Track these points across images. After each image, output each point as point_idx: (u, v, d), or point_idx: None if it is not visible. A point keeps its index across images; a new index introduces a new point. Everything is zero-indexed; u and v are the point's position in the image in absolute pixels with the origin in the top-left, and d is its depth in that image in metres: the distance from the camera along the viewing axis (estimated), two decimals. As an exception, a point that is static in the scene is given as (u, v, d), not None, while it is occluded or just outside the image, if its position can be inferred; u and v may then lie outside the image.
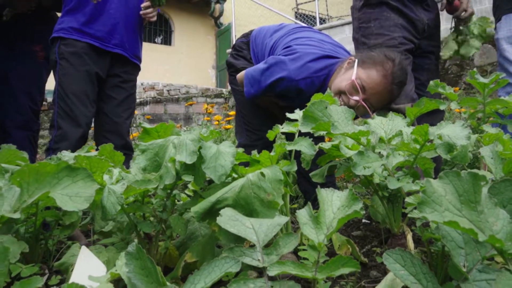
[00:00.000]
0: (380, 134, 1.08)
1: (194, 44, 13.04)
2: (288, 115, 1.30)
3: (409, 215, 0.92)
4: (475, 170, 0.64)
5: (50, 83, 2.35)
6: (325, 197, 0.71)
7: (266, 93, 1.70)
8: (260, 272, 1.00)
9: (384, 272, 1.15)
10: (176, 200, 1.34)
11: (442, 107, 1.54)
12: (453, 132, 1.11)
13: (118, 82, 2.33)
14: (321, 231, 0.67)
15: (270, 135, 1.26)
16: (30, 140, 2.49)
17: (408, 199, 0.87)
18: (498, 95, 2.27)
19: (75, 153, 1.02)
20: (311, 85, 1.67)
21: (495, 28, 2.44)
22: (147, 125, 1.17)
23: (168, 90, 8.94)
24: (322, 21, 13.22)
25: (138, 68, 2.47)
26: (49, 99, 7.49)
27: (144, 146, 1.05)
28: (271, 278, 0.71)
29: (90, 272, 0.76)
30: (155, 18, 2.41)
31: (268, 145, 1.72)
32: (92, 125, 2.32)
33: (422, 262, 0.59)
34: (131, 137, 2.97)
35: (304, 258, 1.02)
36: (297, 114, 1.31)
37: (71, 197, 0.78)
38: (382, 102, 1.63)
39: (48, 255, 1.30)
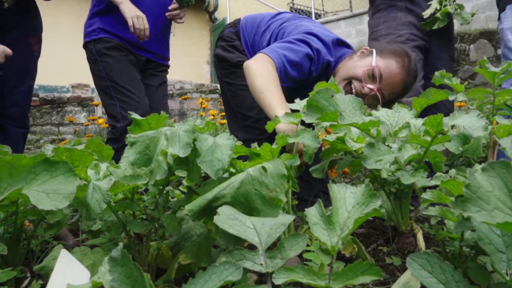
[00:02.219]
0: (388, 126, 1.00)
1: (188, 39, 12.88)
2: (289, 105, 1.22)
3: (424, 213, 0.84)
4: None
5: (42, 78, 2.28)
6: (337, 194, 0.63)
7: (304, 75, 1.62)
8: (261, 274, 0.92)
9: (393, 273, 1.07)
10: (169, 197, 1.25)
11: (451, 98, 1.46)
12: (469, 122, 1.03)
13: (152, 72, 2.44)
14: (334, 233, 0.58)
15: (269, 126, 1.18)
16: (23, 137, 2.43)
17: (425, 195, 0.79)
18: (502, 87, 2.20)
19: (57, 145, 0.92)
20: (321, 69, 1.62)
21: (499, 18, 2.38)
22: (137, 116, 1.08)
23: (162, 86, 8.80)
24: (318, 16, 13.13)
25: (167, 66, 2.58)
26: (41, 94, 7.38)
27: (134, 138, 0.96)
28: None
29: (71, 279, 0.67)
30: (183, 20, 2.42)
31: (272, 139, 1.61)
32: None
33: (453, 268, 0.51)
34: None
35: (307, 260, 0.94)
36: (298, 104, 1.22)
37: (49, 194, 0.69)
38: (395, 94, 1.60)
39: (31, 256, 1.21)
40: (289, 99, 2.02)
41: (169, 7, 2.34)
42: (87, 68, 2.37)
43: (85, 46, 2.32)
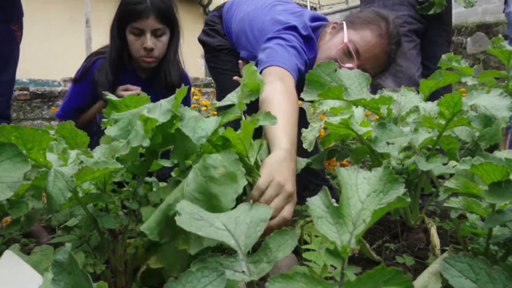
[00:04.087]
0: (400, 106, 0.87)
1: (182, 32, 12.67)
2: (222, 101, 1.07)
3: (445, 204, 0.71)
4: None
5: (32, 72, 2.13)
6: (347, 180, 0.50)
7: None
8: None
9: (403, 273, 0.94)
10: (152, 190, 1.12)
11: (464, 80, 1.34)
12: (490, 102, 0.90)
13: None
14: (345, 228, 0.45)
15: (239, 105, 0.97)
16: None
17: (448, 183, 0.66)
18: None
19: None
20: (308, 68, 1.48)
21: (505, 2, 2.26)
22: (112, 97, 0.95)
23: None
24: (313, 9, 12.98)
25: None
26: (32, 88, 7.22)
27: (117, 116, 0.85)
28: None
29: (14, 286, 0.54)
30: None
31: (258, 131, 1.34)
32: None
33: (507, 276, 0.38)
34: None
35: (307, 260, 0.81)
36: (232, 96, 1.04)
37: (-12, 183, 0.55)
38: (379, 67, 1.43)
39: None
40: None
41: None
42: (79, 62, 2.19)
43: None
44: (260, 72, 1.21)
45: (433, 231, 0.93)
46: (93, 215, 0.85)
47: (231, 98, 0.99)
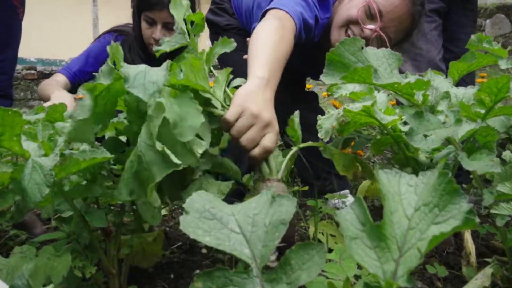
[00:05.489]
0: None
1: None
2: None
3: (492, 211, 0.60)
4: None
5: (39, 51, 2.03)
6: (387, 186, 0.38)
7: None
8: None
9: (432, 283, 0.83)
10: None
11: (501, 64, 1.20)
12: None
13: None
14: (388, 255, 0.34)
15: (192, 43, 0.97)
16: None
17: (501, 188, 0.54)
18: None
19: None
20: (322, 31, 1.36)
21: None
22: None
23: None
24: None
25: None
26: (39, 68, 7.17)
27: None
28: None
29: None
30: None
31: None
32: None
33: None
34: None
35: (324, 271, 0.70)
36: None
37: None
38: (402, 32, 1.33)
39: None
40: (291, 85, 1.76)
41: None
42: (86, 41, 2.09)
43: None
44: (261, 18, 1.15)
45: (467, 236, 0.81)
46: (80, 212, 0.75)
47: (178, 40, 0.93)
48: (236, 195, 1.55)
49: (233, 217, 0.49)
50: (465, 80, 2.04)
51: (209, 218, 0.48)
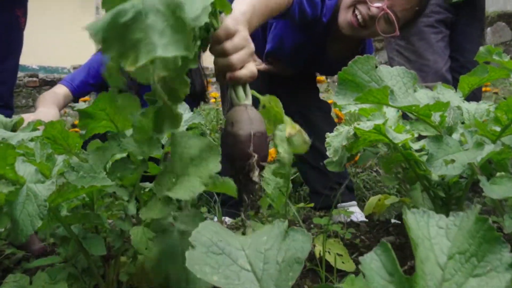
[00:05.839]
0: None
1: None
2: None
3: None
4: None
5: (41, 59, 2.01)
6: (415, 230, 0.34)
7: None
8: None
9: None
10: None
11: (513, 77, 1.16)
12: None
13: None
14: (421, 315, 0.31)
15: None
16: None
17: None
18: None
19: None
20: (331, 12, 1.37)
21: None
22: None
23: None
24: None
25: None
26: (41, 75, 7.18)
27: None
28: None
29: None
30: None
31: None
32: None
33: None
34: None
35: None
36: None
37: None
38: (410, 11, 1.31)
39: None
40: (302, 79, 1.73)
41: None
42: (88, 49, 2.06)
43: None
44: None
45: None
46: (78, 238, 0.71)
47: None
48: (233, 206, 1.52)
49: (243, 252, 0.46)
50: (473, 91, 2.00)
51: (217, 252, 0.45)
